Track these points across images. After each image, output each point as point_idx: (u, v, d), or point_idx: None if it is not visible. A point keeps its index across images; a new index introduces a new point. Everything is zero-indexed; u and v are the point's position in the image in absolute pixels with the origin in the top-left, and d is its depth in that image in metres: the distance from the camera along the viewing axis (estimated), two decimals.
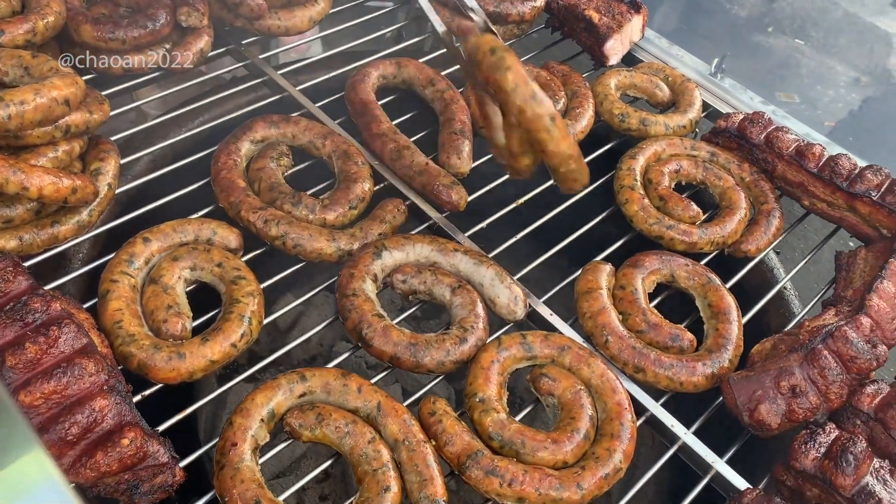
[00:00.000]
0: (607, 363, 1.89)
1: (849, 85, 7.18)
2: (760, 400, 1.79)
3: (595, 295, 1.98)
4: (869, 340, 1.88)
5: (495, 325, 1.95)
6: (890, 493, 1.63)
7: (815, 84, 7.13)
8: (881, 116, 6.80)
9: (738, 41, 6.95)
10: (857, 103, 6.92)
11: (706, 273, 2.09)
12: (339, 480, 2.79)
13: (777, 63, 7.13)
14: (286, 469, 2.79)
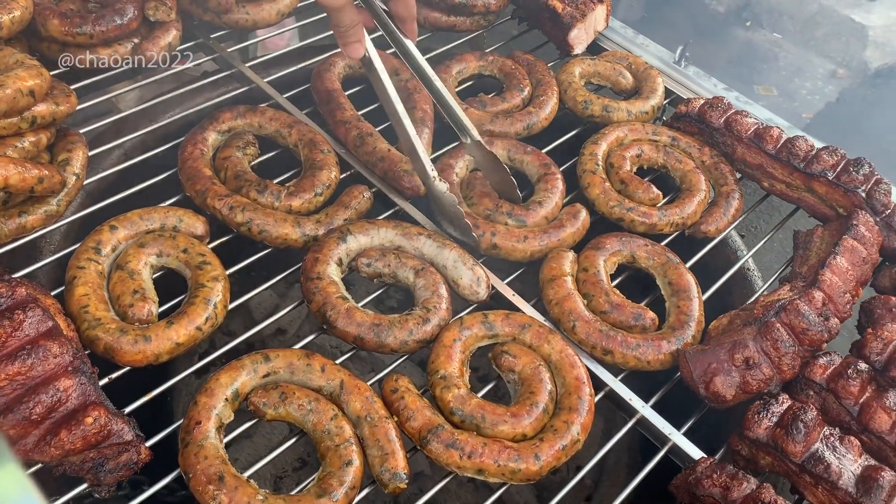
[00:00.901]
0: (574, 346, 1.94)
1: (826, 77, 7.26)
2: (715, 372, 1.84)
3: (560, 282, 2.03)
4: (821, 314, 1.93)
5: (459, 307, 2.00)
6: (839, 458, 1.68)
7: (792, 77, 7.21)
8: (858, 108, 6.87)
9: (715, 35, 7.02)
10: (835, 95, 7.00)
11: (665, 252, 2.14)
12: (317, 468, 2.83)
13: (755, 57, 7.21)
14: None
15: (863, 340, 1.93)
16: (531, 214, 2.18)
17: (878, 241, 2.19)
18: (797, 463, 1.69)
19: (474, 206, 2.20)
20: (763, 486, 1.60)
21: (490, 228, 2.11)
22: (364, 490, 1.66)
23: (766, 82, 6.96)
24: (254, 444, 2.79)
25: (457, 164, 2.29)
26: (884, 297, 2.11)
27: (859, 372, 1.83)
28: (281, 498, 1.54)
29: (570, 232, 2.17)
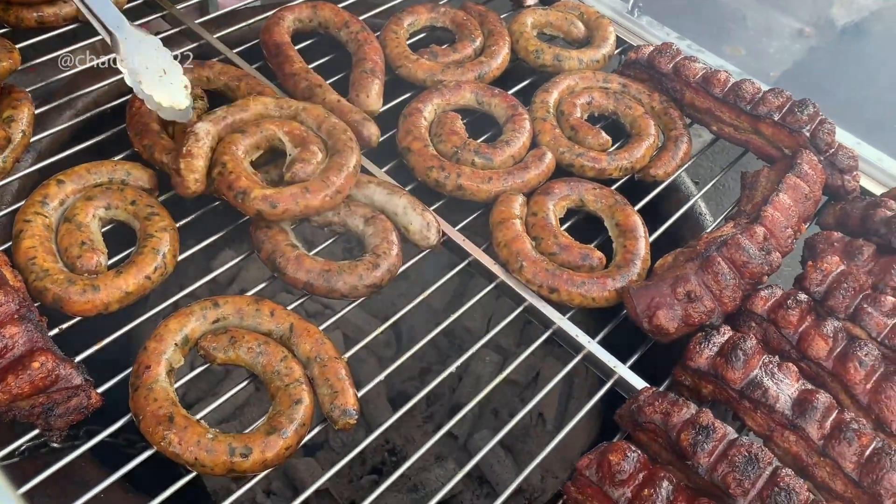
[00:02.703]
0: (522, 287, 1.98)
1: (793, 36, 7.30)
2: (658, 306, 1.89)
3: (508, 224, 2.06)
4: (763, 248, 1.98)
5: (410, 252, 2.02)
6: (776, 383, 1.74)
7: (760, 37, 7.24)
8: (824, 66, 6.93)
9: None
10: (801, 54, 7.04)
11: (613, 195, 2.18)
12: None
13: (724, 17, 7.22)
14: (229, 416, 2.86)
15: (804, 273, 1.98)
16: (498, 153, 2.21)
17: (821, 179, 2.23)
18: (736, 389, 1.75)
19: (442, 143, 2.22)
20: (702, 410, 1.66)
21: (455, 170, 2.13)
22: (315, 428, 1.70)
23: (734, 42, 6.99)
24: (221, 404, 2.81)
25: (425, 109, 2.30)
26: (826, 233, 2.17)
27: (799, 302, 1.88)
28: (231, 436, 1.57)
29: (534, 174, 2.19)
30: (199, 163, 1.88)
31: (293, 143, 1.97)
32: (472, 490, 2.82)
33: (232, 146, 1.92)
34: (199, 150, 1.88)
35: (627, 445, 1.59)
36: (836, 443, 1.64)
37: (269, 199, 1.82)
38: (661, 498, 1.51)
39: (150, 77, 1.94)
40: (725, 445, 1.59)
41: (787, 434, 1.70)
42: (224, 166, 1.87)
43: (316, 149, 1.94)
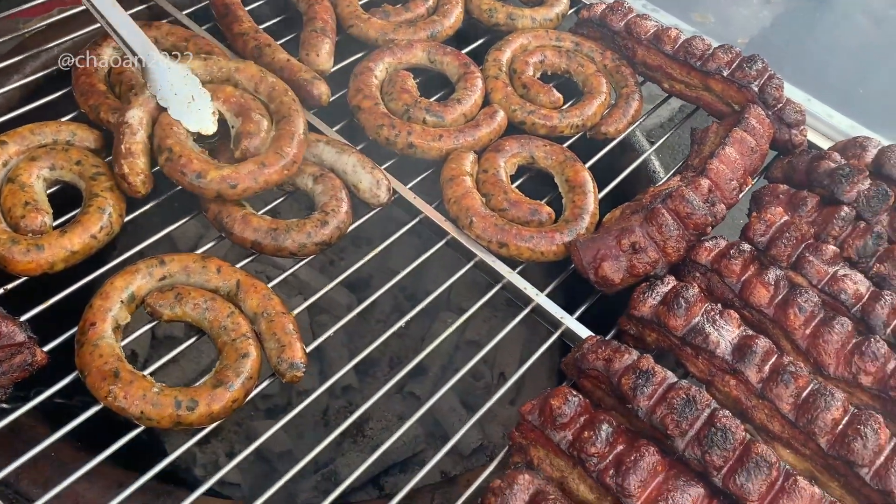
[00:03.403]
0: (473, 242, 2.00)
1: (761, 3, 7.31)
2: (604, 258, 1.92)
3: (459, 181, 2.07)
4: (707, 200, 2.01)
5: (361, 211, 2.03)
6: (717, 330, 1.77)
7: (729, 3, 7.24)
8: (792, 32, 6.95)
9: None
10: (769, 20, 7.06)
11: (563, 152, 2.20)
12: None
13: None
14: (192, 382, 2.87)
15: (747, 223, 2.02)
16: (449, 111, 2.21)
17: (768, 133, 2.26)
18: (678, 336, 1.78)
19: (393, 101, 2.22)
20: (643, 356, 1.69)
21: (406, 128, 2.13)
22: (264, 382, 1.71)
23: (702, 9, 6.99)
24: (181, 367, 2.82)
25: (376, 67, 2.30)
26: (772, 185, 2.20)
27: (741, 252, 1.92)
28: (177, 389, 1.58)
29: (485, 132, 2.20)
30: (141, 161, 1.83)
31: (233, 113, 1.95)
32: (434, 448, 2.86)
33: (172, 127, 1.87)
34: (136, 145, 1.83)
35: (568, 390, 1.62)
36: (773, 385, 1.68)
37: (227, 180, 1.80)
38: (601, 440, 1.55)
39: (177, 103, 1.90)
40: (665, 389, 1.63)
41: (727, 378, 1.74)
42: (171, 151, 1.82)
43: (258, 116, 1.92)
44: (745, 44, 6.48)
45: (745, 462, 1.53)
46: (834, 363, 1.78)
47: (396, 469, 2.76)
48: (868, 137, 2.32)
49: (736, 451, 1.55)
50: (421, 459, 2.80)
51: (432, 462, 1.69)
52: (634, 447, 1.54)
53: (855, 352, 1.78)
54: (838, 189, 2.10)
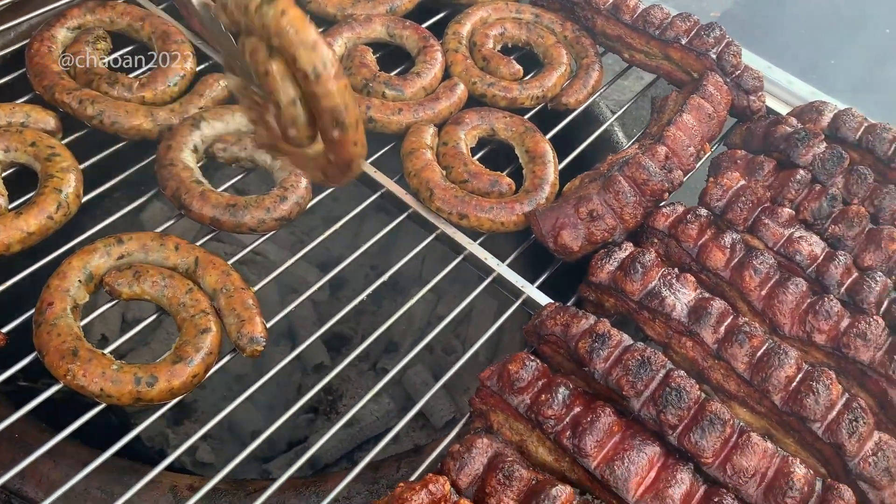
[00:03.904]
0: (434, 215, 2.01)
1: None
2: (563, 226, 1.93)
3: (419, 154, 2.08)
4: (664, 166, 2.03)
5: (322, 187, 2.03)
6: (673, 293, 1.80)
7: None
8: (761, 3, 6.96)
9: None
10: None
11: (523, 123, 2.21)
12: None
13: None
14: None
15: (705, 189, 2.04)
16: (409, 85, 2.21)
17: (726, 99, 2.28)
18: (635, 300, 1.81)
19: (352, 76, 2.21)
20: (599, 320, 1.71)
21: (365, 102, 2.13)
22: (225, 358, 1.72)
23: None
24: (151, 350, 2.83)
25: (335, 43, 2.29)
26: (730, 151, 2.23)
27: (698, 217, 1.94)
28: (136, 366, 1.59)
29: (445, 105, 2.21)
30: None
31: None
32: (408, 423, 2.88)
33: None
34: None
35: (526, 355, 1.64)
36: (728, 346, 1.71)
37: None
38: (558, 402, 1.57)
39: None
40: (620, 351, 1.65)
41: (683, 340, 1.77)
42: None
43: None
44: (718, 17, 6.49)
45: (700, 420, 1.56)
46: (789, 323, 1.82)
47: (371, 444, 2.78)
48: (825, 102, 2.35)
49: (691, 409, 1.58)
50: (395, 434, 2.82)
51: (398, 426, 1.72)
52: (591, 408, 1.56)
53: (809, 311, 1.81)
54: (794, 153, 2.13)
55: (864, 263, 1.97)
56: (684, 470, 1.51)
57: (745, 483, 1.52)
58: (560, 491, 1.42)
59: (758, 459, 1.53)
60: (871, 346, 1.76)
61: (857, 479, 1.60)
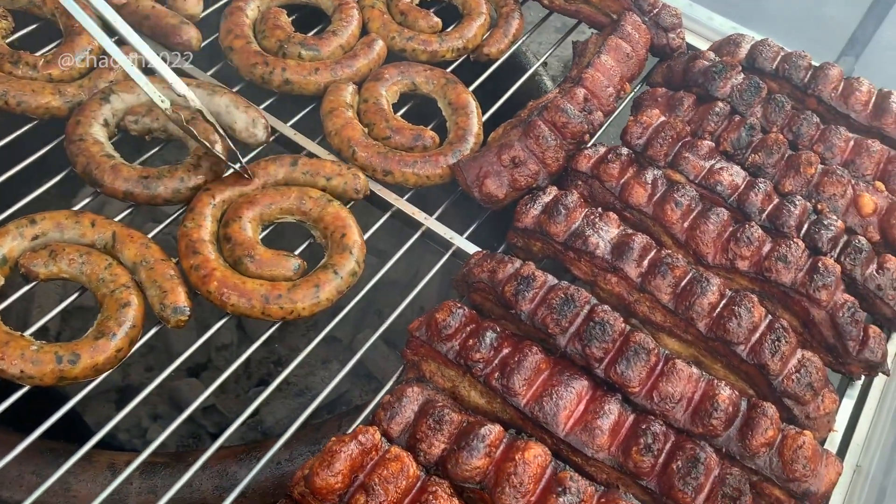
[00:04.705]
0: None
1: None
2: (486, 175, 1.93)
3: (338, 112, 2.05)
4: (583, 108, 2.04)
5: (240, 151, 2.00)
6: (597, 231, 1.81)
7: None
8: None
9: None
10: None
11: (444, 76, 2.19)
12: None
13: None
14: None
15: (625, 127, 2.05)
16: (325, 44, 2.18)
17: (645, 38, 2.29)
18: (560, 242, 1.82)
19: (266, 39, 2.17)
20: (525, 263, 1.72)
21: (280, 64, 2.10)
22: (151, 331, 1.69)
23: None
24: None
25: (248, 6, 2.24)
26: (652, 90, 2.24)
27: (619, 155, 1.96)
28: (57, 345, 1.56)
29: (364, 62, 2.18)
30: None
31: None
32: (360, 387, 2.89)
33: None
34: None
35: (453, 303, 1.65)
36: (652, 278, 1.74)
37: None
38: (486, 345, 1.58)
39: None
40: (545, 291, 1.67)
41: (608, 277, 1.79)
42: None
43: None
44: None
45: (625, 351, 1.58)
46: (712, 252, 1.85)
47: (324, 411, 2.78)
48: (742, 34, 2.37)
49: (616, 342, 1.61)
50: (347, 399, 2.83)
51: (338, 377, 1.71)
52: (518, 349, 1.58)
53: (731, 239, 1.84)
54: (712, 86, 2.15)
55: (785, 189, 2.01)
56: (612, 401, 1.54)
57: (671, 409, 1.55)
58: (489, 430, 1.44)
59: (683, 385, 1.57)
60: (793, 268, 1.80)
61: (782, 397, 1.65)
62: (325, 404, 2.82)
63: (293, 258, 1.77)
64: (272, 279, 1.73)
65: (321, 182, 1.90)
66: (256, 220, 1.81)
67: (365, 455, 1.39)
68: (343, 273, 1.77)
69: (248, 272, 1.72)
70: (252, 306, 1.68)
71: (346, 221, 1.82)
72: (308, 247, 1.91)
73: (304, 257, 1.84)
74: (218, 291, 1.67)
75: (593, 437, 1.49)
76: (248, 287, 1.68)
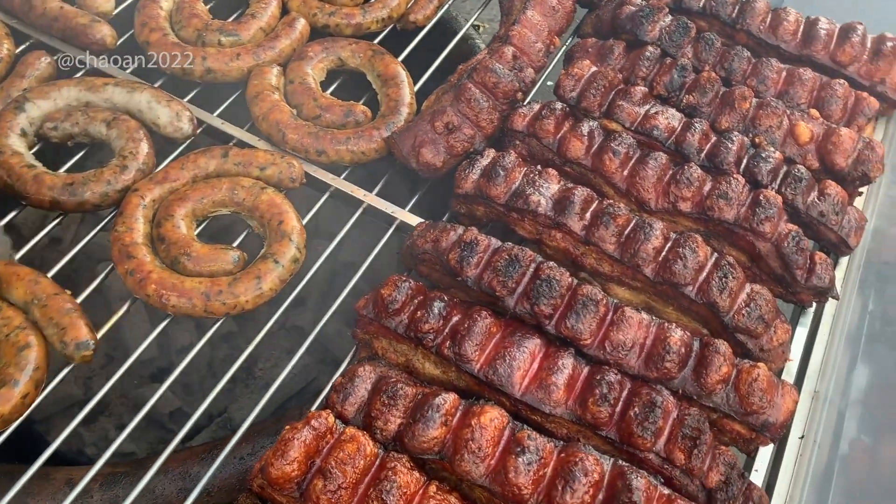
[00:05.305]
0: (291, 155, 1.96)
1: None
2: (422, 144, 1.90)
3: (264, 96, 2.00)
4: (513, 66, 2.01)
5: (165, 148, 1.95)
6: (537, 189, 1.79)
7: None
8: None
9: None
10: None
11: (370, 47, 2.14)
12: None
13: None
14: None
15: (557, 81, 2.03)
16: (245, 28, 2.12)
17: None
18: (501, 203, 1.80)
19: (184, 29, 2.11)
20: (468, 229, 1.70)
21: (200, 54, 2.04)
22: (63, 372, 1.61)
23: None
24: None
25: None
26: (582, 41, 2.21)
27: (553, 111, 1.93)
28: None
29: (287, 43, 2.13)
30: None
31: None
32: (328, 375, 2.86)
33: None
34: None
35: (398, 277, 1.63)
36: (595, 229, 1.73)
37: None
38: (434, 315, 1.56)
39: None
40: (490, 255, 1.65)
41: (553, 233, 1.77)
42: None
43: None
44: None
45: (574, 305, 1.57)
46: (654, 197, 1.84)
47: (293, 402, 2.76)
48: None
49: (564, 297, 1.59)
50: (315, 388, 2.80)
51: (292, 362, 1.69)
52: (467, 315, 1.56)
53: (671, 182, 1.83)
54: (640, 30, 2.13)
55: (721, 127, 2.00)
56: (565, 356, 1.53)
57: (625, 357, 1.55)
58: (444, 399, 1.42)
59: (634, 332, 1.57)
60: (735, 204, 1.80)
61: (734, 332, 1.66)
62: (294, 394, 2.81)
63: (231, 251, 1.73)
64: (212, 275, 1.69)
65: (255, 172, 1.85)
66: (189, 216, 1.77)
67: (320, 440, 1.37)
68: (284, 261, 1.73)
69: (187, 271, 1.68)
70: (193, 305, 1.64)
71: (281, 208, 1.78)
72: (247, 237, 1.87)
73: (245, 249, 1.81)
74: (157, 294, 1.63)
75: (549, 394, 1.48)
76: (187, 286, 1.64)
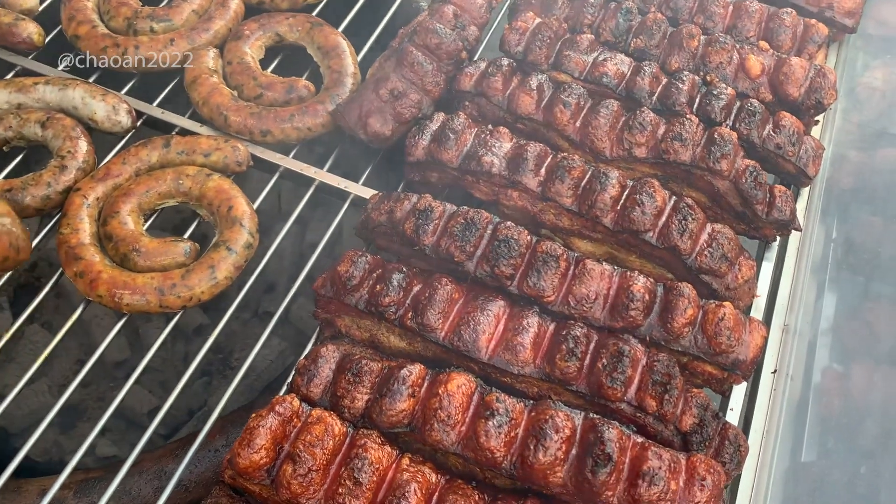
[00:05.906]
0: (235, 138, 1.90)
1: None
2: (368, 114, 1.86)
3: (202, 80, 1.94)
4: (455, 25, 1.96)
5: (107, 142, 1.89)
6: (490, 150, 1.75)
7: None
8: None
9: None
10: None
11: (308, 20, 2.08)
12: None
13: None
14: None
15: (502, 37, 1.98)
16: (176, 12, 2.06)
17: None
18: (455, 167, 1.77)
19: (113, 19, 2.04)
20: (422, 197, 1.66)
21: (132, 43, 1.97)
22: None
23: None
24: None
25: None
26: None
27: (500, 67, 1.89)
28: None
29: (221, 24, 2.07)
30: None
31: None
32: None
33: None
34: None
35: (354, 252, 1.59)
36: (551, 184, 1.70)
37: None
38: (394, 287, 1.53)
39: None
40: (445, 220, 1.62)
41: (510, 192, 1.74)
42: None
43: None
44: None
45: (534, 263, 1.55)
46: (608, 146, 1.81)
47: (272, 389, 2.74)
48: None
49: (523, 255, 1.57)
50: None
51: (258, 345, 1.66)
52: (427, 284, 1.54)
53: (624, 129, 1.81)
54: None
55: (672, 67, 1.97)
56: (530, 315, 1.51)
57: (589, 309, 1.53)
58: (409, 371, 1.40)
59: (597, 283, 1.55)
60: (690, 145, 1.77)
61: (699, 274, 1.65)
62: (273, 381, 2.78)
63: (182, 242, 1.69)
64: (165, 269, 1.65)
65: (199, 160, 1.80)
66: (136, 211, 1.72)
67: (286, 424, 1.35)
68: (237, 248, 1.70)
69: (138, 267, 1.64)
70: (148, 302, 1.60)
71: (230, 193, 1.74)
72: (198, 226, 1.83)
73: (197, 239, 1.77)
74: (109, 294, 1.59)
75: (516, 355, 1.47)
76: (139, 283, 1.60)
